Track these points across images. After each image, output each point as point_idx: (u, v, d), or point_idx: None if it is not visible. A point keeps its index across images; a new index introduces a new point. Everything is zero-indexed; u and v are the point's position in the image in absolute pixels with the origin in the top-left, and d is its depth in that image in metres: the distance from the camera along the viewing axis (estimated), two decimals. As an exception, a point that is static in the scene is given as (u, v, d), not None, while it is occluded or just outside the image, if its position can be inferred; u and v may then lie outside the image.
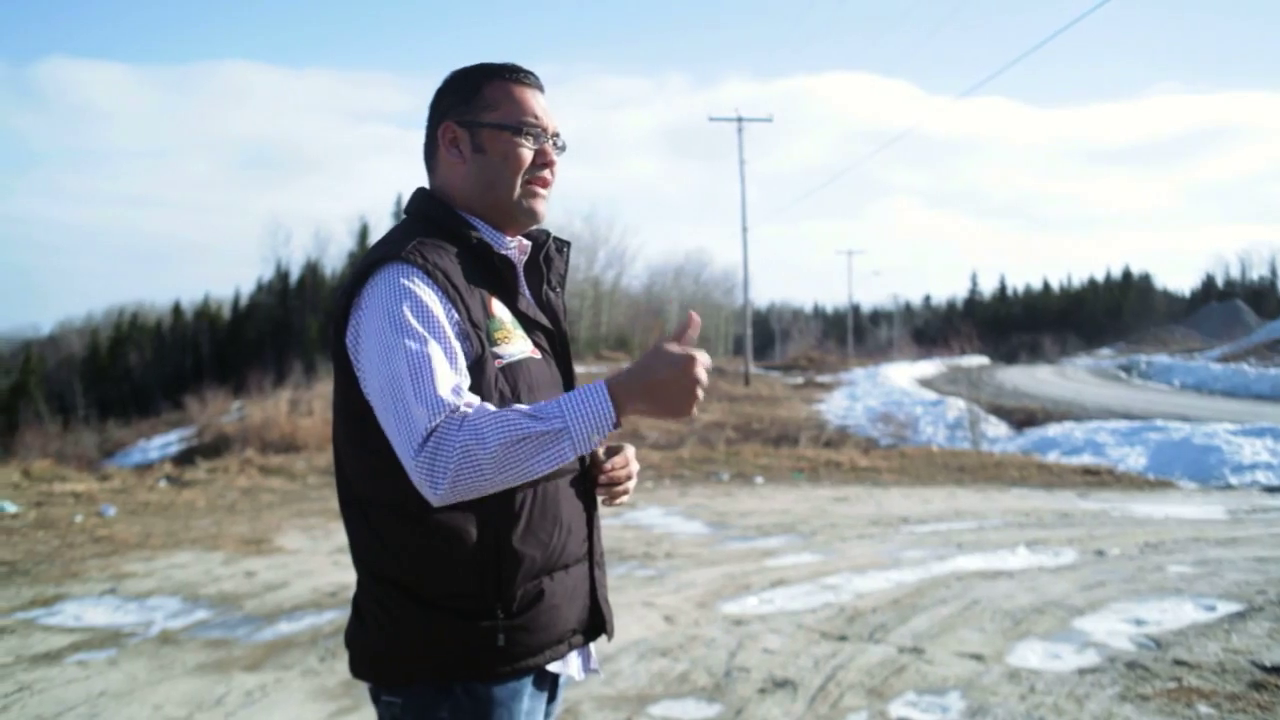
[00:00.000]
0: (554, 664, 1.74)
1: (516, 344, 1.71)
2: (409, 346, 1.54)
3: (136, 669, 4.79)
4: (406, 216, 1.81)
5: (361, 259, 1.69)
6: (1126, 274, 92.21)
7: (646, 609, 5.73)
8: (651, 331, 53.58)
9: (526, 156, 1.76)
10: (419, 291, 1.59)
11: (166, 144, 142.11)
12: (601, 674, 3.16)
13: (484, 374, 1.62)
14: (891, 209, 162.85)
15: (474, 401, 1.54)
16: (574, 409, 1.49)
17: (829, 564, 6.95)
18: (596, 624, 1.82)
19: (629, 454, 1.88)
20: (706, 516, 9.23)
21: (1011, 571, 6.65)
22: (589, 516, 1.81)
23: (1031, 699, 4.19)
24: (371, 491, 1.68)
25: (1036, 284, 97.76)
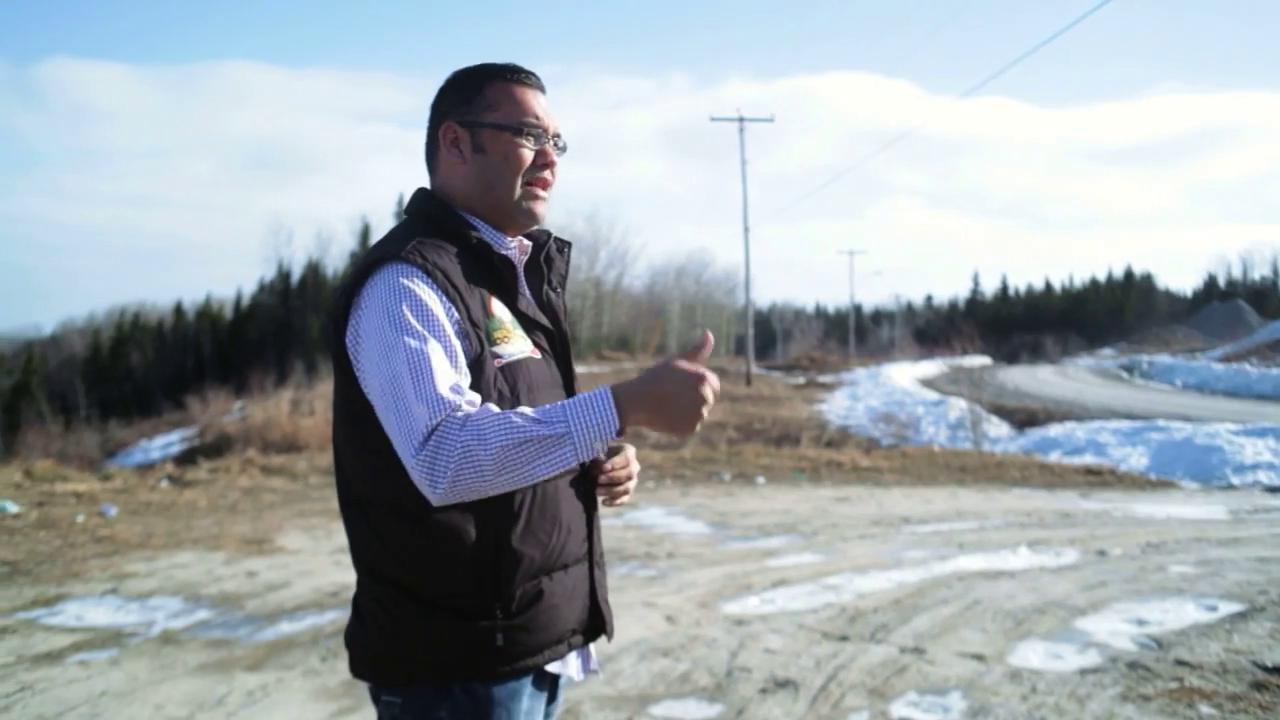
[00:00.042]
0: (553, 664, 1.74)
1: (516, 344, 1.71)
2: (409, 345, 1.54)
3: (138, 669, 4.79)
4: (407, 216, 1.81)
5: (361, 259, 1.69)
6: (1128, 274, 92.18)
7: (648, 609, 5.73)
8: (653, 331, 53.59)
9: (527, 157, 1.76)
10: (419, 291, 1.59)
11: (168, 144, 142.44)
12: (601, 674, 3.16)
13: (483, 373, 1.62)
14: (893, 209, 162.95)
15: (476, 401, 1.54)
16: (578, 414, 1.49)
17: (830, 564, 6.95)
18: (596, 624, 1.82)
19: (629, 454, 1.87)
20: (708, 516, 9.23)
21: (1013, 572, 6.65)
22: (589, 517, 1.81)
23: (1033, 699, 4.19)
24: (371, 491, 1.68)
25: (1038, 284, 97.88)
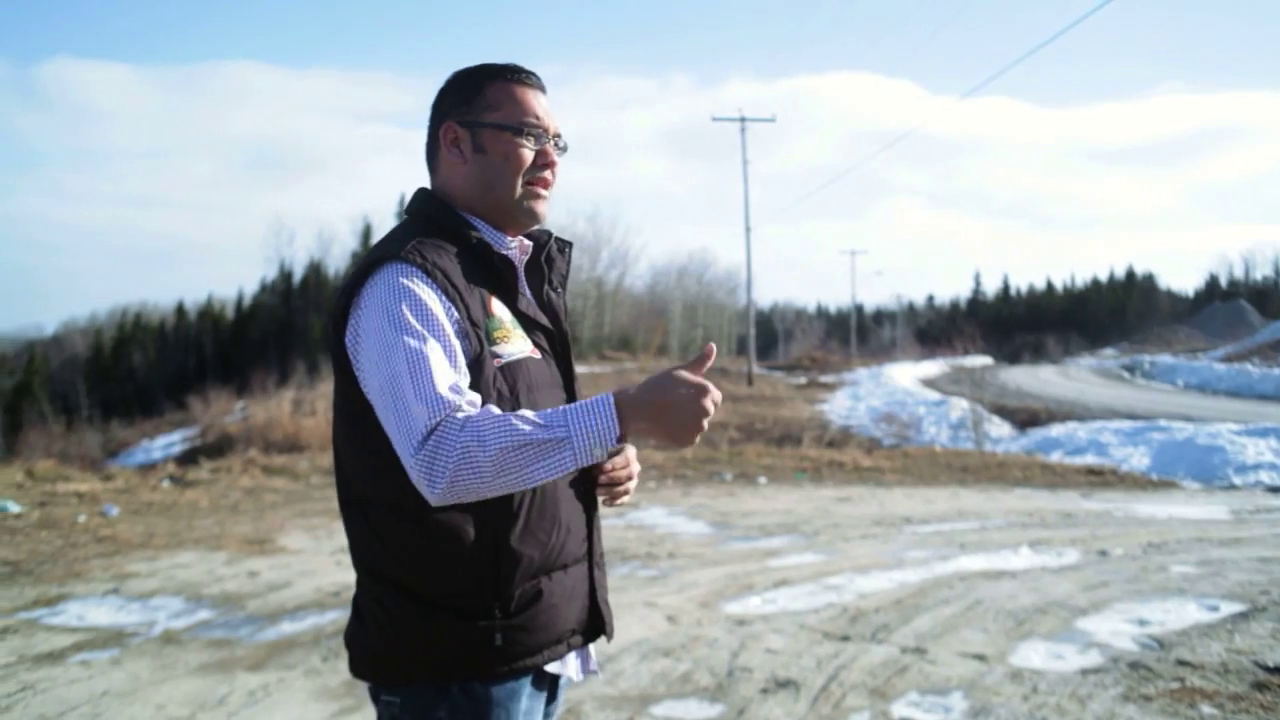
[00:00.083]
0: (552, 665, 1.74)
1: (516, 343, 1.71)
2: (408, 345, 1.54)
3: (139, 669, 4.79)
4: (408, 216, 1.82)
5: (361, 258, 1.69)
6: (1130, 274, 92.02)
7: (649, 609, 5.72)
8: (655, 332, 53.58)
9: (527, 157, 1.76)
10: (418, 290, 1.59)
11: (169, 144, 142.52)
12: (601, 675, 3.16)
13: (482, 373, 1.63)
14: (894, 209, 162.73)
15: (476, 401, 1.54)
16: (578, 420, 1.49)
17: (832, 564, 6.95)
18: (596, 625, 1.82)
19: (630, 454, 1.87)
20: (709, 516, 9.23)
21: (1014, 572, 6.64)
22: (589, 517, 1.81)
23: (1034, 699, 4.19)
24: (371, 491, 1.68)
25: (1040, 284, 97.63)
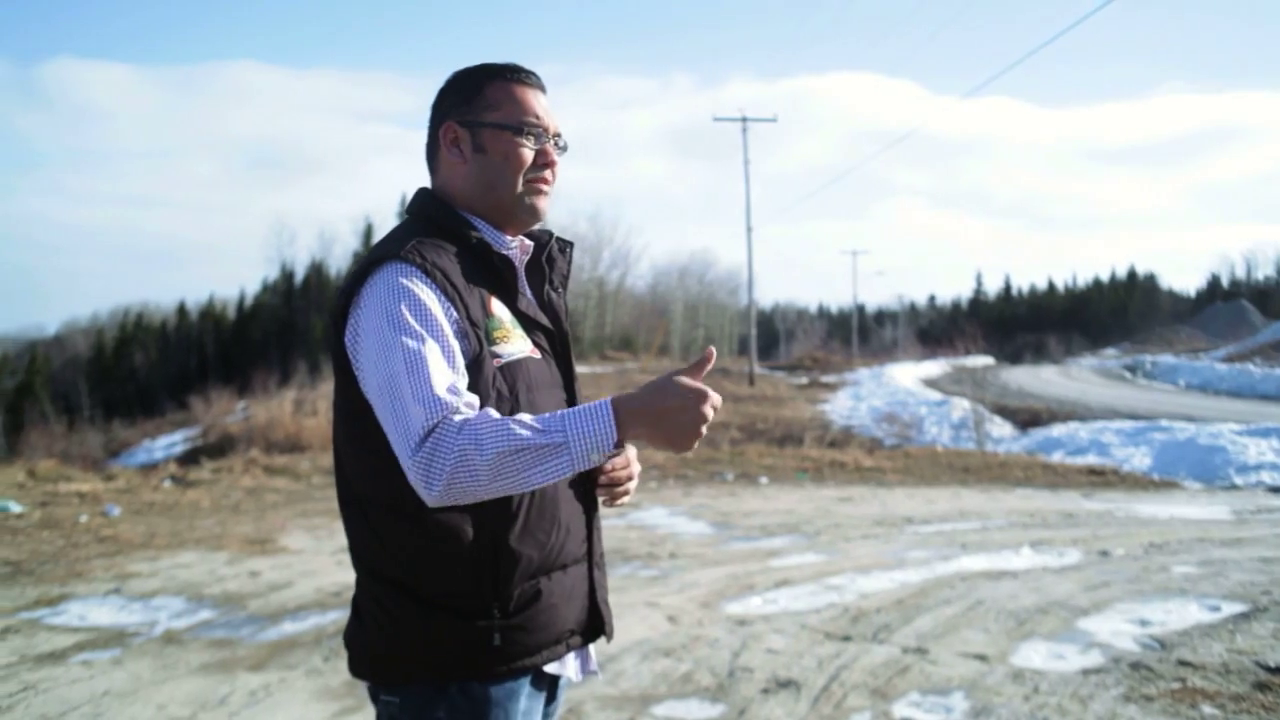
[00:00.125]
0: (551, 665, 1.74)
1: (515, 343, 1.71)
2: (407, 345, 1.54)
3: (141, 669, 4.80)
4: (408, 216, 1.82)
5: (361, 258, 1.69)
6: (1132, 274, 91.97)
7: (650, 609, 5.72)
8: (656, 332, 53.58)
9: (527, 156, 1.76)
10: (417, 290, 1.59)
11: (170, 144, 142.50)
12: (601, 675, 3.16)
13: (482, 372, 1.63)
14: (896, 209, 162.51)
15: (474, 403, 1.54)
16: (576, 425, 1.48)
17: (833, 564, 6.95)
18: (595, 625, 1.82)
19: (630, 455, 1.87)
20: (710, 516, 9.23)
21: (1016, 572, 6.64)
22: (589, 517, 1.81)
23: (1035, 699, 4.19)
24: (371, 490, 1.68)
25: (1041, 284, 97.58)
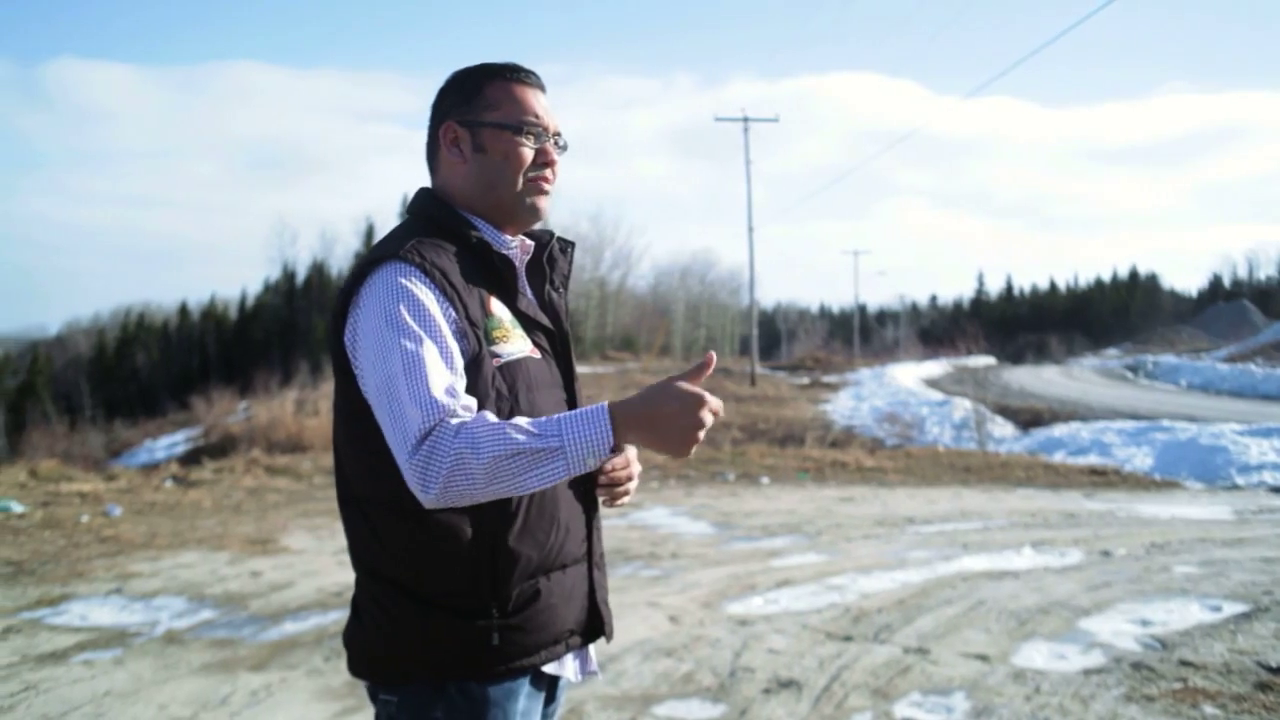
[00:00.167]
0: (550, 665, 1.74)
1: (515, 343, 1.71)
2: (405, 346, 1.54)
3: (142, 669, 4.80)
4: (409, 216, 1.82)
5: (361, 258, 1.69)
6: (1133, 274, 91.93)
7: (651, 609, 5.72)
8: (658, 332, 53.58)
9: (527, 156, 1.76)
10: (416, 290, 1.59)
11: (172, 144, 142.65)
12: (601, 676, 3.16)
13: (481, 372, 1.62)
14: (898, 209, 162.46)
15: (472, 405, 1.54)
16: (573, 430, 1.48)
17: (834, 564, 6.94)
18: (595, 626, 1.81)
19: (630, 455, 1.86)
20: (712, 517, 9.23)
21: (1017, 572, 6.64)
22: (589, 517, 1.81)
23: (1037, 699, 4.18)
24: (370, 490, 1.67)
25: (1043, 284, 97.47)
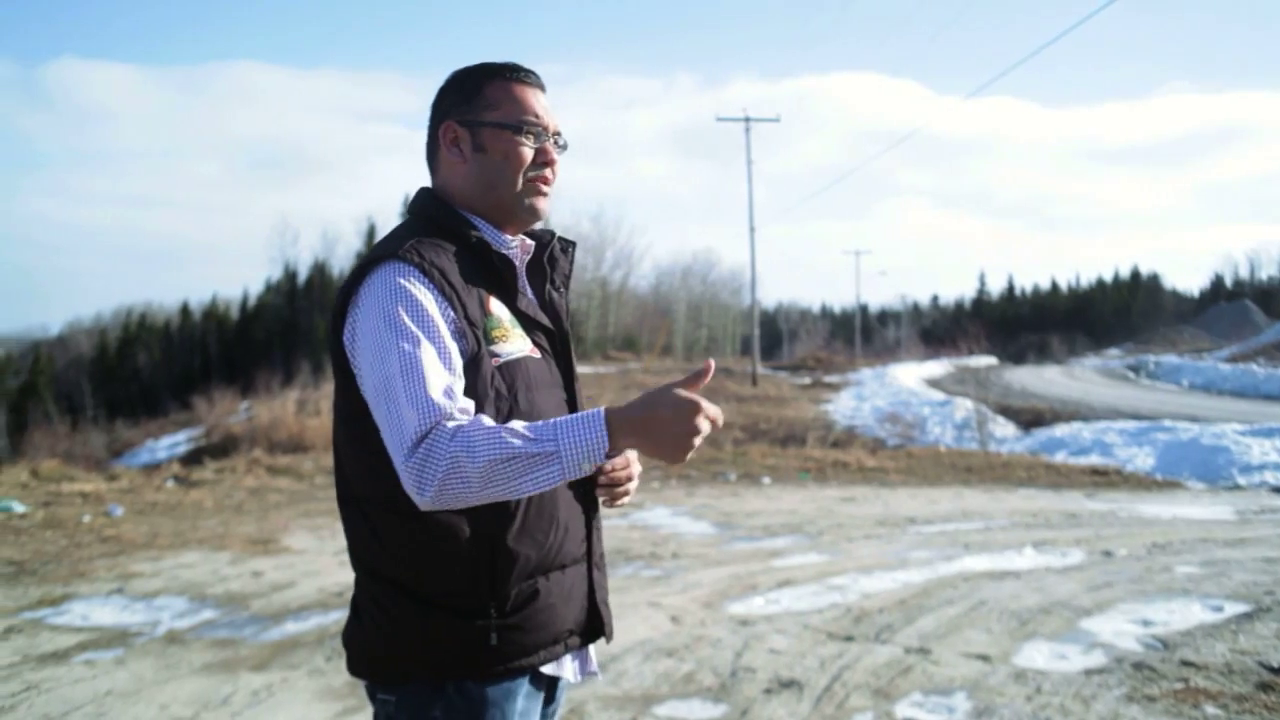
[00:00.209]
0: (549, 666, 1.73)
1: (514, 342, 1.70)
2: (403, 348, 1.54)
3: (143, 668, 4.80)
4: (409, 216, 1.82)
5: (361, 258, 1.69)
6: (1135, 274, 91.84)
7: (652, 609, 5.72)
8: (659, 332, 53.57)
9: (527, 155, 1.76)
10: (414, 291, 1.59)
11: (174, 144, 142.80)
12: (601, 677, 3.16)
13: (480, 372, 1.62)
14: (899, 209, 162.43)
15: (469, 408, 1.54)
16: (568, 435, 1.48)
17: (835, 564, 6.94)
18: (595, 626, 1.81)
19: (631, 455, 1.86)
20: (713, 517, 9.23)
21: (1018, 572, 6.63)
22: (588, 518, 1.80)
23: (1038, 699, 4.18)
24: (369, 490, 1.67)
25: (1045, 284, 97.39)
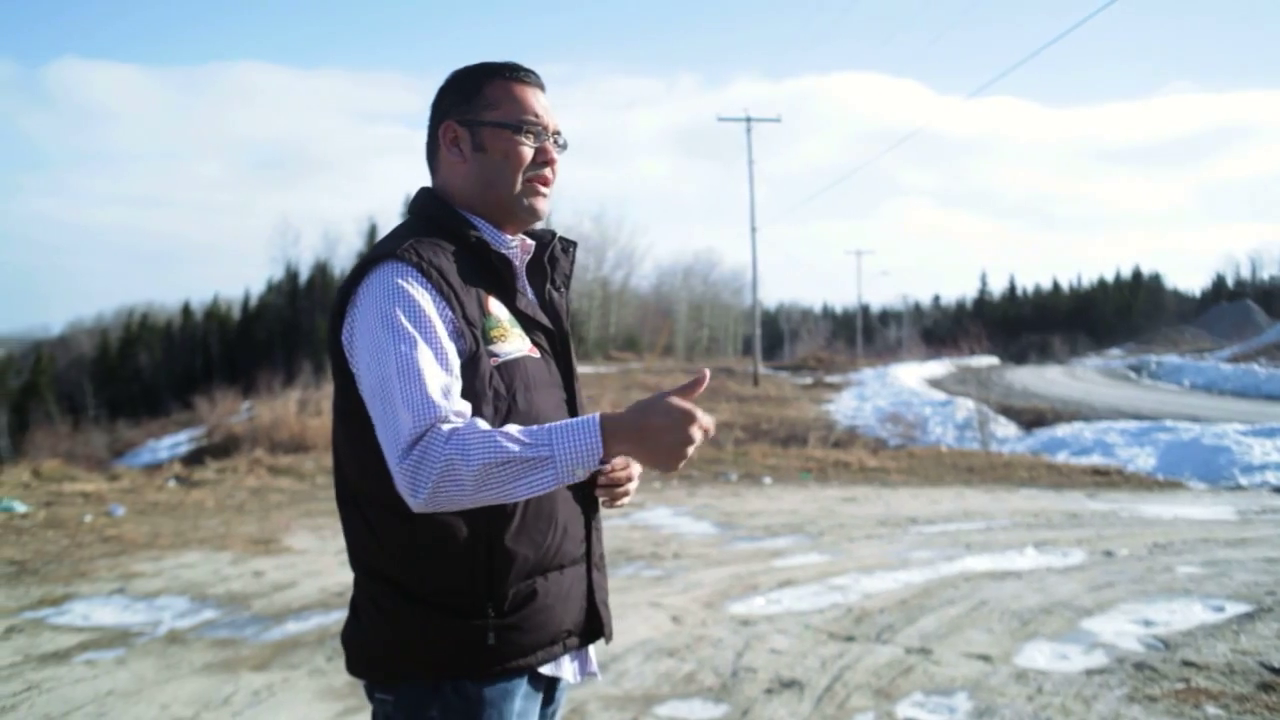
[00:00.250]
0: (547, 666, 1.73)
1: (513, 342, 1.70)
2: (399, 349, 1.54)
3: (144, 668, 4.80)
4: (409, 216, 1.82)
5: (360, 257, 1.69)
6: (1136, 274, 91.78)
7: (654, 609, 5.72)
8: (660, 332, 53.57)
9: (527, 155, 1.76)
10: (412, 291, 1.59)
11: (175, 144, 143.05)
12: (600, 678, 3.16)
13: (478, 371, 1.62)
14: (901, 209, 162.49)
15: (465, 411, 1.54)
16: (563, 440, 1.49)
17: (837, 564, 6.94)
18: (594, 627, 1.81)
19: None
20: (714, 517, 9.22)
21: (1020, 572, 6.63)
22: (588, 518, 1.80)
23: (1039, 700, 4.18)
24: (368, 489, 1.67)
25: (1046, 284, 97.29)
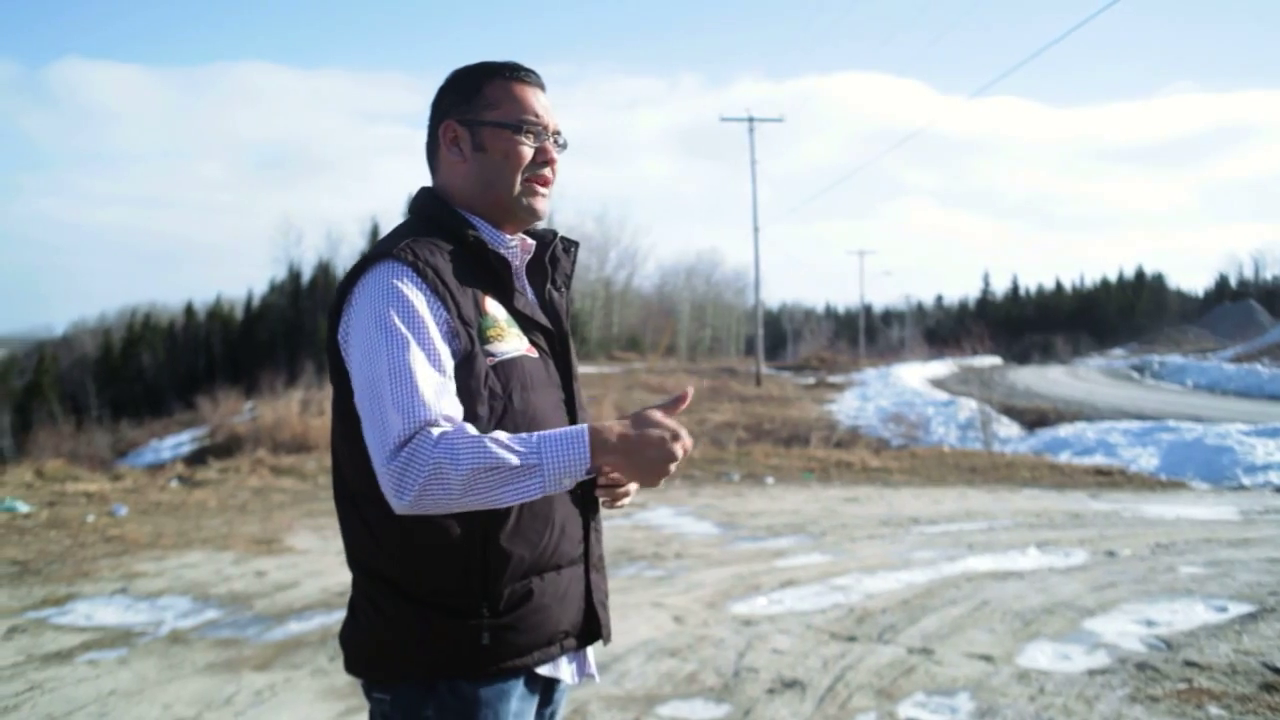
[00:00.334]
0: (544, 667, 1.73)
1: (510, 342, 1.70)
2: (392, 350, 1.54)
3: (146, 668, 4.81)
4: (409, 215, 1.82)
5: (358, 257, 1.69)
6: (1139, 274, 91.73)
7: (655, 609, 5.72)
8: (663, 332, 53.57)
9: (527, 154, 1.76)
10: (407, 291, 1.59)
11: (178, 145, 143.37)
12: (599, 679, 3.16)
13: (473, 371, 1.62)
14: (903, 209, 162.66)
15: (456, 414, 1.54)
16: (552, 450, 1.50)
17: (839, 564, 6.94)
18: (592, 628, 1.80)
19: None
20: (716, 517, 9.22)
21: (1022, 572, 6.62)
22: (586, 519, 1.80)
23: (1041, 700, 4.17)
24: (366, 488, 1.66)
25: (1049, 284, 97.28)
